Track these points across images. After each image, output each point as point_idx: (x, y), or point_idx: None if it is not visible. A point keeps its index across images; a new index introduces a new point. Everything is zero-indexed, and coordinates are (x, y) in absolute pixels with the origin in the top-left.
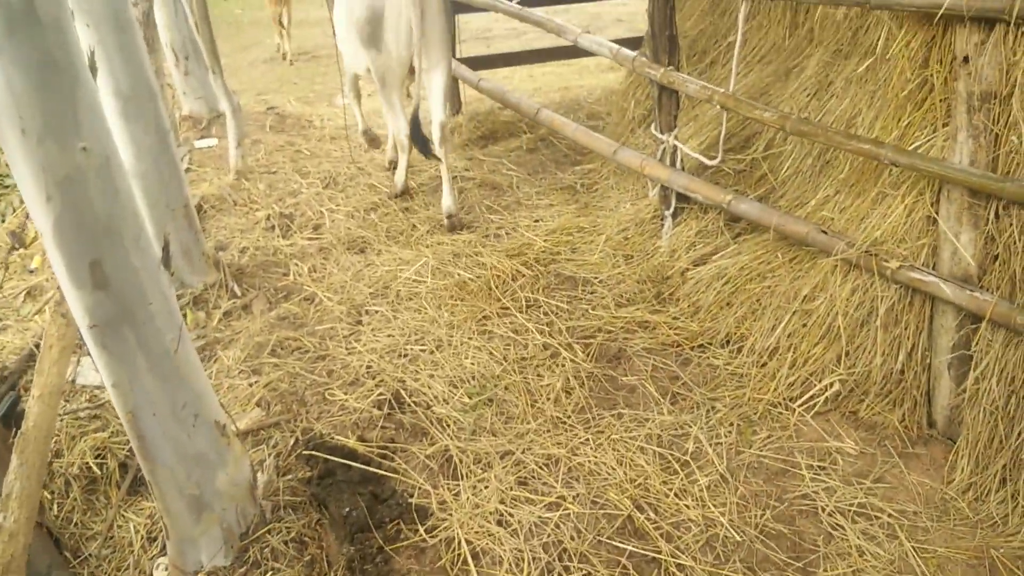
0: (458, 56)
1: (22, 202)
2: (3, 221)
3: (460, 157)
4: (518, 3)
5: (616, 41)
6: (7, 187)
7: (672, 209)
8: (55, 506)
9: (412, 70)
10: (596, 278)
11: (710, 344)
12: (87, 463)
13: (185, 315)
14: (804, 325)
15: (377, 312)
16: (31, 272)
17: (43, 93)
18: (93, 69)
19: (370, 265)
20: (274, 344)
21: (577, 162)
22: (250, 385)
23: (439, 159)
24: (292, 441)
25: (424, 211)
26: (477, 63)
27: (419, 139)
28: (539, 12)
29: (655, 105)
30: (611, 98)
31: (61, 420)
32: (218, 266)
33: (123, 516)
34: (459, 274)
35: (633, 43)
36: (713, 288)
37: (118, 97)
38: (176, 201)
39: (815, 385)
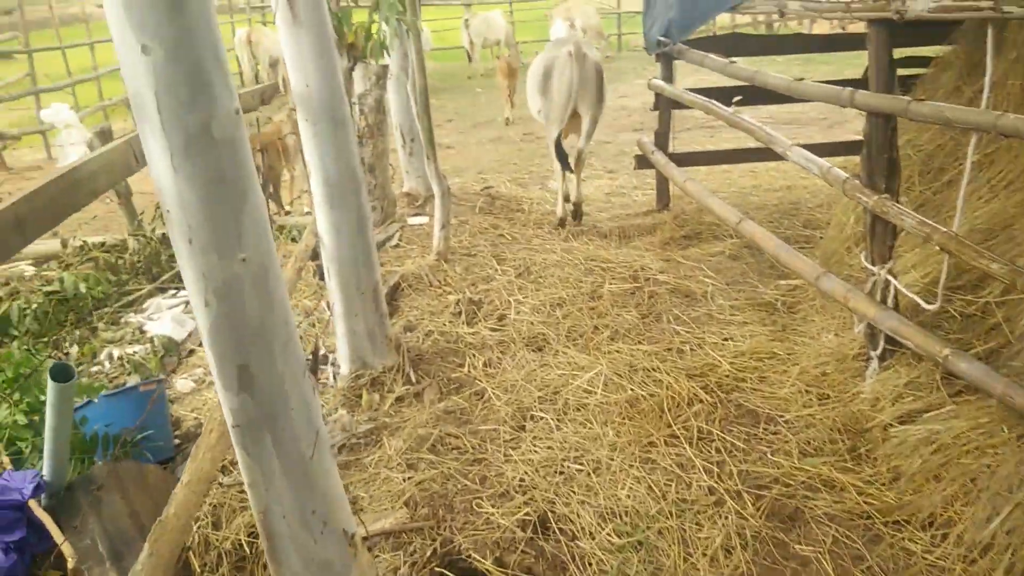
0: (670, 151)
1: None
2: None
3: (657, 258)
4: (737, 101)
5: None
6: None
7: (880, 350)
8: None
9: (575, 114)
10: (782, 416)
11: (908, 523)
12: (240, 540)
13: (360, 396)
14: None
15: (542, 419)
16: None
17: (211, 207)
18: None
19: (544, 366)
20: (435, 439)
21: (782, 275)
22: (405, 480)
23: (572, 172)
24: (430, 551)
25: (609, 314)
26: (687, 159)
27: (562, 159)
28: (752, 118)
29: (867, 232)
30: (834, 205)
31: (227, 491)
32: (399, 350)
33: None
34: (632, 390)
35: None
36: (919, 454)
37: (326, 185)
38: (366, 285)
39: None
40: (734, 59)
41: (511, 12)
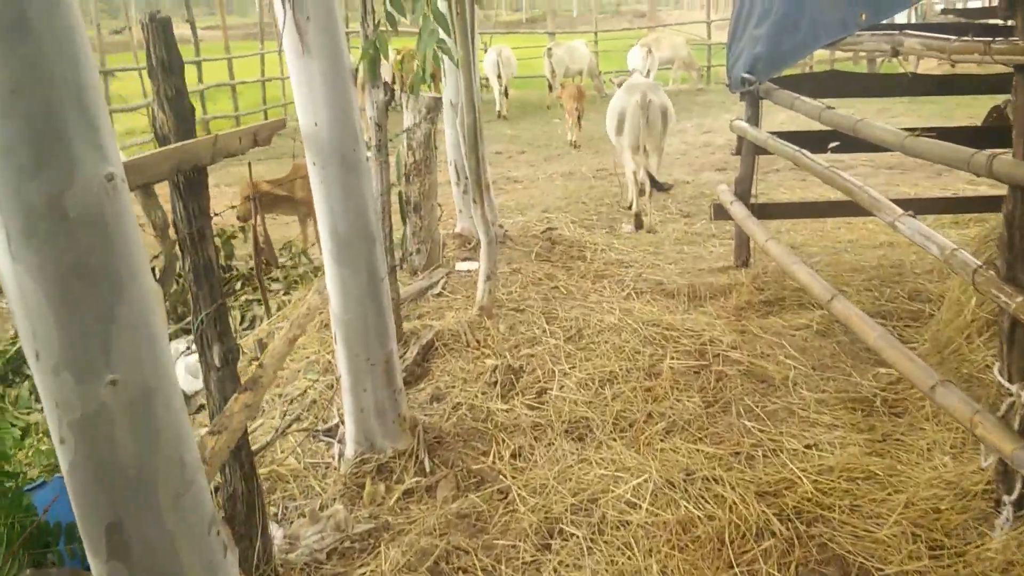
0: (752, 201)
1: (270, 313)
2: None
3: (730, 328)
4: (834, 147)
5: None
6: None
7: (1016, 495)
8: None
9: (642, 149)
10: (881, 570)
11: None
12: None
13: (363, 485)
14: None
15: (572, 537)
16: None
17: (65, 310)
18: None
19: (583, 462)
20: (440, 554)
21: (883, 361)
22: None
23: (658, 188)
24: None
25: (667, 398)
26: (771, 211)
27: (655, 184)
28: (852, 163)
29: (1003, 340)
30: (948, 277)
31: None
32: (414, 431)
33: None
34: (687, 507)
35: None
36: None
37: (333, 238)
38: (377, 356)
39: None
40: (831, 105)
41: (595, 42)
